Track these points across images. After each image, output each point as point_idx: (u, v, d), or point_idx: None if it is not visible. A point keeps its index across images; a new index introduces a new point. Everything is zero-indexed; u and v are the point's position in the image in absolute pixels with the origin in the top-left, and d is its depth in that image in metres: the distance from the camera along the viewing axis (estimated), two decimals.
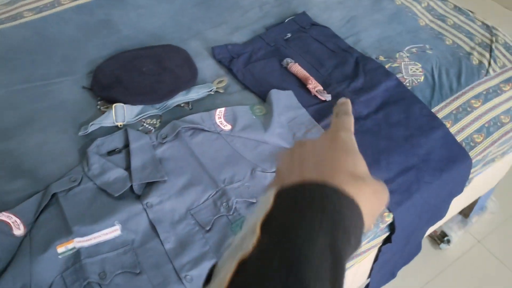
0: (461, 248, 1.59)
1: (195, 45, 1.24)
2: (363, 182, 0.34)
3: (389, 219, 0.92)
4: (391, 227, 0.96)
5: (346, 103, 0.42)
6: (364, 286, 1.27)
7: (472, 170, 1.04)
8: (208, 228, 0.84)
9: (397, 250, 1.12)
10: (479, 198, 1.48)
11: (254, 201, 0.88)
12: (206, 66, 1.18)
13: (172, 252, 0.81)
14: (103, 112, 1.05)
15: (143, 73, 1.11)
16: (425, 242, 1.58)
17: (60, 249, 0.78)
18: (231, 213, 0.86)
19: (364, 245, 0.94)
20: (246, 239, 0.31)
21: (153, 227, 0.84)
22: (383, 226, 0.92)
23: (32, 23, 1.30)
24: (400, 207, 0.92)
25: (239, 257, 0.30)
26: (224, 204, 0.87)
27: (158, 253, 0.81)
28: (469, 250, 1.59)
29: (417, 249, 1.28)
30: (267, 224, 0.31)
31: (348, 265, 0.95)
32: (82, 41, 1.25)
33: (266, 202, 0.33)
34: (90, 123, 0.99)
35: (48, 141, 0.99)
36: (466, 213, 1.56)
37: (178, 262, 0.79)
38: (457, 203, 1.23)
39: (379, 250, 1.05)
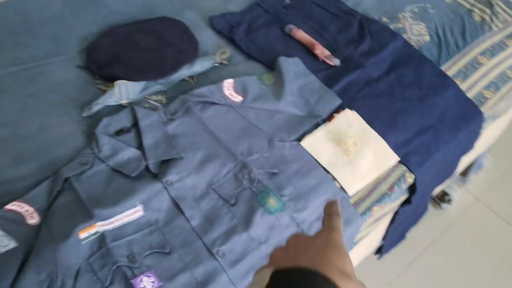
0: (460, 207, 1.62)
1: (190, 16, 1.19)
2: (350, 280, 0.38)
3: (411, 180, 0.91)
4: (411, 188, 0.95)
5: (335, 203, 0.47)
6: (375, 249, 1.28)
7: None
8: (233, 202, 0.81)
9: (410, 211, 1.12)
10: (478, 156, 1.50)
11: (276, 171, 0.86)
12: (206, 37, 1.13)
13: (199, 229, 0.78)
14: (104, 91, 1.00)
15: (142, 48, 1.06)
16: None
17: (83, 234, 0.74)
18: (254, 185, 0.83)
19: (384, 208, 0.93)
20: None
21: (176, 205, 0.81)
22: (405, 187, 0.92)
23: (11, 2, 1.21)
24: (421, 168, 0.92)
25: None
26: (246, 176, 0.84)
27: (185, 231, 0.78)
28: (469, 208, 1.62)
29: (425, 209, 1.29)
30: None
31: (367, 230, 0.94)
32: (68, 18, 1.17)
33: (262, 279, 0.36)
34: (94, 103, 0.94)
35: (51, 125, 0.93)
36: (464, 172, 1.59)
37: (207, 238, 0.77)
38: (463, 161, 1.24)
39: (396, 212, 1.05)
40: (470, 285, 1.45)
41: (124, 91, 0.96)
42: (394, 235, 1.20)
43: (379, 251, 1.27)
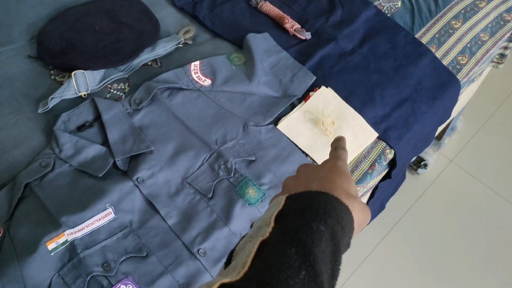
0: (435, 170, 1.63)
1: None
2: (355, 200, 0.43)
3: (390, 155, 0.89)
4: (390, 162, 0.93)
5: (342, 139, 0.52)
6: None
7: None
8: (210, 195, 0.77)
9: (389, 183, 1.11)
10: (452, 120, 1.50)
11: (253, 158, 0.81)
12: (167, 15, 1.05)
13: (177, 227, 0.74)
14: (60, 83, 0.92)
15: (97, 32, 0.97)
16: None
17: (51, 245, 0.68)
18: (232, 175, 0.79)
19: (365, 187, 0.91)
20: (262, 229, 0.38)
21: (149, 203, 0.76)
22: (385, 163, 0.89)
23: None
24: (400, 142, 0.89)
25: (259, 240, 0.36)
26: (222, 166, 0.80)
27: (162, 231, 0.73)
28: (443, 171, 1.64)
29: (403, 178, 1.29)
30: (280, 218, 0.39)
31: None
32: (11, 2, 1.06)
33: (278, 203, 0.41)
34: (50, 97, 0.85)
35: (2, 124, 0.85)
36: (439, 136, 1.59)
37: (186, 236, 0.72)
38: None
39: (376, 187, 1.03)
40: (449, 247, 1.48)
41: (82, 81, 0.89)
42: (374, 208, 1.19)
43: None
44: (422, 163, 1.57)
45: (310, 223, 0.38)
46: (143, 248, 0.71)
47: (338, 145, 0.51)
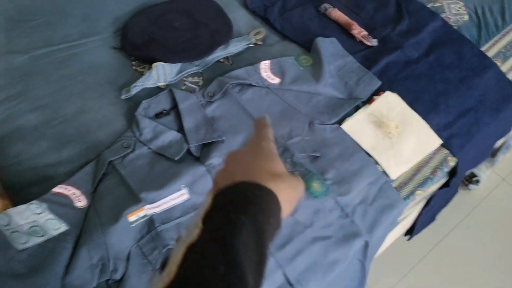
0: (487, 187, 1.61)
1: None
2: (281, 179, 0.45)
3: (452, 163, 0.91)
4: (451, 171, 0.94)
5: (264, 118, 0.54)
6: (406, 230, 1.28)
7: None
8: None
9: (444, 193, 1.12)
10: (507, 137, 1.48)
11: (318, 155, 0.85)
12: (239, 17, 1.11)
13: None
14: (140, 73, 0.99)
15: (176, 29, 1.04)
16: None
17: (131, 217, 0.74)
18: (297, 169, 0.83)
19: (426, 192, 0.93)
20: (192, 232, 0.39)
21: None
22: (447, 170, 0.91)
23: None
24: (462, 150, 0.91)
25: (186, 243, 0.37)
26: (288, 160, 0.84)
27: None
28: (495, 188, 1.61)
29: (455, 191, 1.29)
30: (207, 218, 0.39)
31: (407, 213, 0.94)
32: None
33: (206, 203, 0.41)
34: (132, 85, 0.93)
35: (88, 107, 0.93)
36: (493, 152, 1.57)
37: None
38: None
39: (432, 195, 1.04)
40: (496, 264, 1.45)
41: (162, 73, 0.96)
42: (426, 217, 1.20)
43: (409, 232, 1.27)
44: (474, 179, 1.56)
45: (230, 216, 0.39)
46: None
47: (260, 123, 0.52)
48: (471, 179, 1.56)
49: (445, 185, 1.00)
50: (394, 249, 1.31)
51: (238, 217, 0.39)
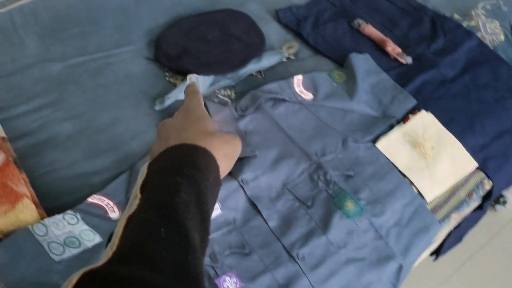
0: None
1: (255, 8, 1.17)
2: (213, 136, 0.45)
3: (488, 186, 0.89)
4: (486, 194, 0.93)
5: (192, 84, 0.55)
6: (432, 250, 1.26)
7: None
8: (309, 204, 0.80)
9: (474, 214, 1.10)
10: None
11: (352, 173, 0.84)
12: (272, 30, 1.11)
13: (277, 230, 0.78)
14: (173, 84, 1.00)
15: (209, 41, 1.04)
16: None
17: None
18: (330, 187, 0.82)
19: (461, 215, 0.91)
20: (131, 204, 0.38)
21: (252, 204, 0.80)
22: (482, 193, 0.89)
23: None
24: (498, 173, 0.89)
25: (126, 216, 0.37)
26: (321, 177, 0.83)
27: (263, 232, 0.77)
28: None
29: (484, 212, 1.26)
30: (144, 187, 0.39)
31: (440, 235, 0.92)
32: (132, 8, 1.17)
33: (142, 173, 0.42)
34: (166, 96, 0.93)
35: (122, 118, 0.93)
36: None
37: (286, 240, 0.76)
38: None
39: (465, 217, 1.02)
40: None
41: None
42: (454, 238, 1.18)
43: (436, 252, 1.25)
44: (501, 199, 1.53)
45: (166, 179, 0.39)
46: (246, 246, 0.75)
47: (189, 90, 0.53)
48: (498, 200, 1.53)
49: (478, 207, 0.98)
50: (419, 269, 1.28)
51: (175, 179, 0.39)
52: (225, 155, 0.45)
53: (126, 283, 0.30)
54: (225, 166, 0.45)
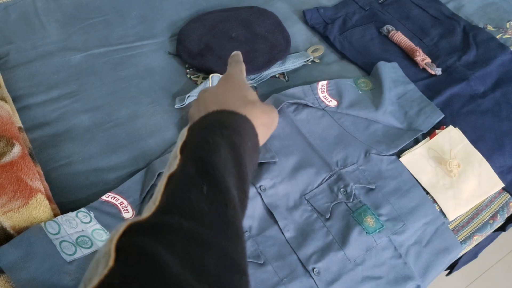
0: None
1: (281, 7, 1.14)
2: (253, 105, 0.47)
3: None
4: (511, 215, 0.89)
5: (237, 54, 0.56)
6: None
7: None
8: (327, 216, 0.78)
9: (495, 235, 1.07)
10: None
11: (373, 187, 0.82)
12: (297, 32, 1.08)
13: (294, 241, 0.75)
14: (194, 82, 0.97)
15: (233, 39, 1.02)
16: None
17: None
18: (350, 200, 0.80)
19: (483, 236, 0.88)
20: (171, 164, 0.40)
21: (268, 212, 0.78)
22: (507, 216, 0.86)
23: None
24: None
25: (167, 175, 0.38)
26: (341, 189, 0.81)
27: (279, 242, 0.75)
28: None
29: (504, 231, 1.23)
30: (185, 148, 0.40)
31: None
32: (157, 0, 1.14)
33: (182, 135, 0.43)
34: (187, 95, 0.91)
35: (141, 113, 0.92)
36: None
37: (302, 252, 0.74)
38: None
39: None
40: None
41: None
42: (469, 255, 1.15)
43: (450, 267, 1.22)
44: None
45: (207, 139, 0.40)
46: (261, 256, 0.73)
47: (233, 60, 0.53)
48: None
49: (500, 228, 0.94)
50: (432, 283, 1.26)
51: (214, 139, 0.40)
52: (263, 123, 0.47)
53: (172, 231, 0.32)
54: (263, 134, 0.47)
